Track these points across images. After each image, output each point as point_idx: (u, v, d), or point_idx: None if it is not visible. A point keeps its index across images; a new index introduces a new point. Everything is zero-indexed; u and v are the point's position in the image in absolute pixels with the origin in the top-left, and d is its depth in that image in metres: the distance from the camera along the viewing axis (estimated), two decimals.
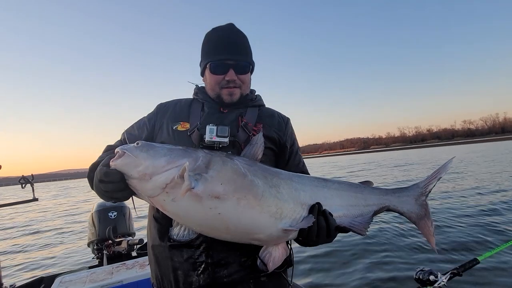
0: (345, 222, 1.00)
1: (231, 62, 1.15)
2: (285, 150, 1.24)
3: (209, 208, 0.85)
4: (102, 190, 0.90)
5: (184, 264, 1.03)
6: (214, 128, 1.07)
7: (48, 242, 8.39)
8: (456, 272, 1.72)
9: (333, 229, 0.95)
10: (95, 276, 2.22)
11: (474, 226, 5.90)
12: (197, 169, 0.85)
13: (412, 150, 71.28)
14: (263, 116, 1.24)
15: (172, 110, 1.22)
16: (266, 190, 0.91)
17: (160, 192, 0.84)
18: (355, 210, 1.05)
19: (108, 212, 3.26)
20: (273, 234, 0.92)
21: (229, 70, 1.15)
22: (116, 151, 0.89)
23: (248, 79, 1.23)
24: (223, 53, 1.15)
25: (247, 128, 1.15)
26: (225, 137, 1.07)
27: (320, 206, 0.96)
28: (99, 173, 0.89)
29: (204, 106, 1.21)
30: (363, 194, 1.08)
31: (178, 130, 1.14)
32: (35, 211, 16.25)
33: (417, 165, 22.47)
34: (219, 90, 1.18)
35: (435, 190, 7.26)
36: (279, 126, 1.25)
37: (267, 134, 1.18)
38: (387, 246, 5.17)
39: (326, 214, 0.95)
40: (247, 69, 1.20)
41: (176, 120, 1.18)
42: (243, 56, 1.18)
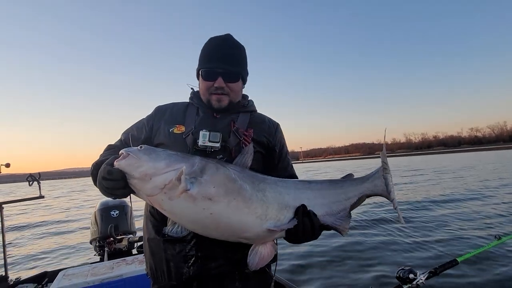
0: (328, 221, 1.09)
1: (220, 71, 1.22)
2: (274, 154, 1.33)
3: (202, 208, 0.94)
4: (104, 187, 0.98)
5: (176, 257, 1.13)
6: (207, 133, 1.16)
7: (52, 239, 8.55)
8: (434, 271, 1.80)
9: (317, 228, 1.04)
10: (97, 270, 2.33)
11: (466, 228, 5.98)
12: (192, 173, 0.95)
13: (418, 157, 70.54)
14: (254, 121, 1.32)
15: (169, 113, 1.30)
16: (253, 194, 1.01)
17: (159, 192, 0.93)
18: (337, 206, 1.13)
19: (110, 211, 3.38)
20: (259, 234, 1.02)
21: (218, 78, 1.22)
22: (121, 152, 0.98)
23: (238, 87, 1.29)
24: (213, 62, 1.23)
25: (238, 133, 1.23)
26: (216, 142, 1.16)
27: (304, 208, 1.05)
28: (103, 171, 0.97)
29: (198, 110, 1.30)
30: (343, 189, 1.16)
31: (174, 133, 1.22)
32: (40, 208, 16.44)
33: (423, 171, 22.33)
34: (208, 96, 1.26)
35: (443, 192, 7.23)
36: (269, 131, 1.33)
37: (257, 138, 1.27)
38: (373, 245, 5.25)
39: (311, 215, 1.04)
40: (236, 78, 1.26)
41: (172, 123, 1.25)
42: (233, 66, 1.25)
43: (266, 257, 1.06)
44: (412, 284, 1.72)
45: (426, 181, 15.52)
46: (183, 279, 1.13)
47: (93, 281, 2.15)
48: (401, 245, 5.13)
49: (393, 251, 4.90)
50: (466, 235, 5.50)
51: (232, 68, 1.24)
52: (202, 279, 1.14)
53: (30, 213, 15.04)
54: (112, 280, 2.20)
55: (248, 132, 1.26)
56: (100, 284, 2.15)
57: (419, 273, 1.77)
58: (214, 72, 1.23)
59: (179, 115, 1.28)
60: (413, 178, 17.91)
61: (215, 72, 1.23)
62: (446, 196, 10.24)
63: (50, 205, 18.28)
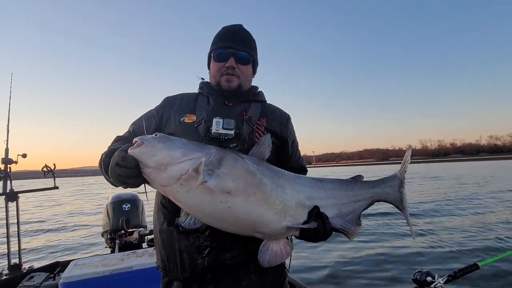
0: (338, 224, 1.09)
1: (232, 51, 1.23)
2: (286, 145, 1.30)
3: (219, 201, 0.90)
4: (116, 174, 0.95)
5: (190, 248, 1.09)
6: (221, 120, 1.12)
7: (65, 231, 8.81)
8: (454, 275, 1.72)
9: (328, 231, 1.04)
10: (107, 262, 2.34)
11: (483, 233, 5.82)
12: (210, 165, 0.90)
13: (434, 164, 69.03)
14: (266, 111, 1.30)
15: (178, 103, 1.28)
16: (273, 189, 0.98)
17: (174, 182, 0.89)
18: (347, 208, 1.12)
19: (122, 204, 3.41)
20: (276, 230, 0.99)
21: (230, 58, 1.22)
22: (135, 140, 0.94)
23: (248, 71, 1.29)
24: (226, 41, 1.24)
25: (251, 122, 1.21)
26: (230, 130, 1.12)
27: (318, 210, 1.04)
28: (116, 157, 0.94)
29: (209, 99, 1.27)
30: (353, 191, 1.14)
31: (185, 122, 1.19)
32: (55, 201, 16.90)
33: (440, 179, 21.81)
34: (219, 77, 1.24)
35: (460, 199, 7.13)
36: (281, 121, 1.31)
37: (270, 128, 1.24)
38: (386, 246, 5.15)
39: (323, 218, 1.04)
40: (247, 60, 1.26)
41: (183, 112, 1.23)
42: (245, 48, 1.25)
43: (279, 255, 1.04)
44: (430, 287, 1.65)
45: (446, 187, 15.20)
46: (197, 270, 1.09)
47: (103, 272, 2.16)
48: (417, 248, 5.03)
49: (409, 253, 4.80)
50: (486, 239, 5.32)
51: (243, 49, 1.25)
52: (216, 270, 1.11)
53: (45, 205, 15.48)
54: (122, 271, 2.20)
55: (260, 121, 1.23)
56: (110, 274, 2.16)
57: (438, 276, 1.69)
58: (225, 52, 1.23)
59: (189, 105, 1.26)
60: (431, 183, 17.54)
61: (226, 52, 1.23)
62: (466, 202, 10.08)
63: (64, 198, 18.76)
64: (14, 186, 2.97)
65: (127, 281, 2.18)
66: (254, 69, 1.34)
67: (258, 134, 1.19)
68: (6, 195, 2.93)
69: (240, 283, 1.13)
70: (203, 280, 1.11)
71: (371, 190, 1.15)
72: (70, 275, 2.11)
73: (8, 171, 2.91)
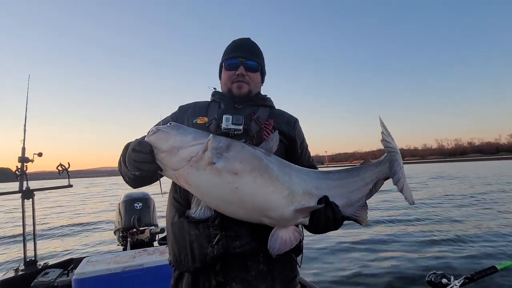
0: (348, 212, 1.09)
1: (241, 59, 1.34)
2: (295, 144, 1.34)
3: (227, 182, 0.95)
4: (132, 160, 0.99)
5: (200, 237, 1.12)
6: (230, 117, 1.20)
7: (79, 229, 9.06)
8: (471, 277, 1.66)
9: (339, 219, 1.05)
10: (119, 259, 2.38)
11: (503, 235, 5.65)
12: (218, 149, 0.97)
13: (451, 164, 67.46)
14: (274, 114, 1.37)
15: (192, 108, 1.37)
16: (280, 174, 1.01)
17: (185, 164, 0.95)
18: (356, 194, 1.12)
19: (134, 203, 3.47)
20: (284, 214, 1.01)
21: (240, 66, 1.33)
22: (151, 129, 1.01)
23: (257, 78, 1.39)
24: (235, 52, 1.36)
25: (259, 121, 1.28)
26: (239, 125, 1.20)
27: (327, 198, 1.05)
28: (133, 144, 1.00)
29: (220, 104, 1.36)
30: (359, 176, 1.14)
31: (198, 123, 1.27)
32: (70, 200, 17.37)
33: (458, 179, 21.27)
34: (230, 85, 1.35)
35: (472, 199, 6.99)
36: (288, 122, 1.37)
37: (278, 127, 1.29)
38: (401, 247, 5.06)
39: (333, 206, 1.04)
40: (255, 68, 1.37)
41: (195, 115, 1.32)
42: (253, 57, 1.37)
43: (288, 242, 1.04)
44: None
45: (464, 187, 14.84)
46: (207, 259, 1.11)
47: (115, 269, 2.20)
48: (433, 249, 4.90)
49: (424, 254, 4.69)
50: (506, 241, 5.15)
51: (252, 58, 1.36)
52: (226, 259, 1.13)
53: (59, 204, 15.93)
54: (133, 268, 2.24)
55: (268, 121, 1.30)
56: (122, 271, 2.20)
57: (453, 278, 1.64)
58: (236, 62, 1.34)
59: (202, 110, 1.35)
60: (448, 183, 17.16)
61: (237, 62, 1.34)
62: (485, 202, 9.81)
63: (78, 197, 19.24)
64: (29, 185, 3.05)
65: (138, 278, 2.22)
66: (262, 78, 1.45)
67: (266, 133, 1.26)
68: (23, 192, 3.01)
69: (248, 272, 1.15)
70: (213, 271, 1.14)
71: (376, 169, 1.14)
72: (83, 271, 2.16)
73: (24, 170, 2.99)
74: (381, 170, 1.14)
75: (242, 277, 1.14)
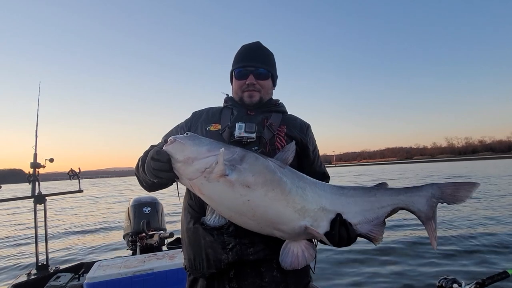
0: (363, 230, 1.07)
1: (251, 69, 1.33)
2: (307, 151, 1.34)
3: (239, 194, 0.97)
4: (151, 167, 1.03)
5: (214, 244, 1.13)
6: (243, 125, 1.21)
7: (89, 234, 9.12)
8: (482, 282, 1.63)
9: (353, 238, 1.05)
10: (129, 263, 2.41)
11: None
12: (232, 161, 0.99)
13: (461, 163, 66.30)
14: (287, 120, 1.37)
15: (205, 115, 1.38)
16: (293, 188, 1.02)
17: (199, 175, 0.97)
18: (370, 214, 1.10)
19: (143, 207, 3.50)
20: (295, 229, 1.01)
21: (249, 75, 1.33)
22: (169, 139, 1.05)
23: (268, 85, 1.38)
24: (245, 61, 1.35)
25: (272, 128, 1.28)
26: (252, 133, 1.20)
27: (341, 217, 1.05)
28: (152, 152, 1.03)
29: (233, 111, 1.36)
30: (376, 197, 1.11)
31: (211, 130, 1.28)
32: (80, 204, 17.54)
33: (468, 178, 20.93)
34: (241, 93, 1.35)
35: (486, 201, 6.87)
36: (301, 129, 1.36)
37: (290, 134, 1.30)
38: (410, 251, 4.98)
39: (347, 225, 1.04)
40: (265, 76, 1.36)
41: (209, 122, 1.33)
42: (262, 65, 1.35)
43: (301, 258, 1.05)
44: None
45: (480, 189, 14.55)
46: (221, 265, 1.13)
47: (126, 273, 2.23)
48: (443, 253, 4.82)
49: (434, 259, 4.61)
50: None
51: (261, 66, 1.35)
52: (240, 266, 1.14)
53: (70, 207, 16.10)
54: (143, 273, 2.27)
55: (281, 127, 1.30)
56: (132, 276, 2.23)
57: (464, 283, 1.61)
58: (245, 71, 1.34)
59: (215, 116, 1.36)
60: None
61: (246, 71, 1.33)
62: (496, 203, 9.57)
63: (88, 200, 19.43)
64: (41, 189, 3.11)
65: (149, 282, 2.24)
66: (274, 82, 1.43)
67: (279, 139, 1.26)
68: (35, 197, 3.07)
69: (262, 279, 1.16)
70: (227, 276, 1.15)
71: (396, 197, 1.11)
72: (94, 275, 2.19)
73: (36, 175, 3.05)
74: (402, 199, 1.11)
75: (256, 283, 1.15)
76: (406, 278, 4.01)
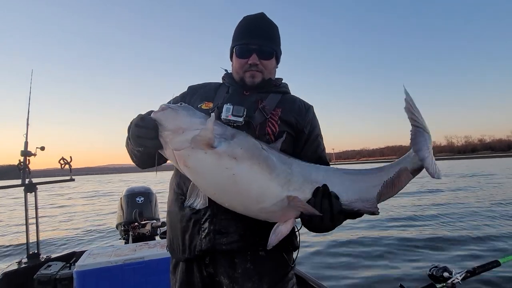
0: (358, 206, 0.99)
1: (254, 47, 1.22)
2: (302, 135, 1.25)
3: (225, 167, 0.94)
4: (135, 135, 0.98)
5: (191, 228, 1.12)
6: (231, 107, 1.13)
7: (82, 223, 9.18)
8: (473, 271, 1.62)
9: (336, 212, 0.94)
10: (120, 252, 2.40)
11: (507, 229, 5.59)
12: (223, 135, 0.97)
13: (461, 161, 66.43)
14: (285, 101, 1.27)
15: (200, 91, 1.32)
16: (278, 163, 1.00)
17: (187, 146, 0.94)
18: (367, 191, 1.02)
19: (136, 197, 3.51)
20: (279, 204, 0.97)
21: (252, 54, 1.22)
22: (161, 105, 1.00)
23: (272, 65, 1.28)
24: (247, 37, 1.24)
25: (265, 111, 1.20)
26: (239, 117, 1.13)
27: (326, 188, 0.96)
28: (136, 119, 1.00)
29: (229, 89, 1.29)
30: (377, 173, 1.07)
31: (202, 109, 1.21)
32: (71, 194, 17.56)
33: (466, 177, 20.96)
34: (242, 73, 1.26)
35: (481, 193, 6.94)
36: (299, 111, 1.27)
37: (285, 118, 1.22)
38: (401, 240, 5.01)
39: (331, 197, 0.95)
40: (270, 55, 1.26)
41: (202, 100, 1.26)
42: (267, 43, 1.24)
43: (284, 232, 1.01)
44: (446, 283, 1.56)
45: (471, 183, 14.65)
46: (195, 252, 1.11)
47: (116, 261, 2.21)
48: (434, 242, 4.84)
49: (425, 247, 4.63)
50: (509, 237, 5.07)
51: (266, 44, 1.25)
52: (214, 254, 1.12)
53: (62, 198, 16.13)
54: (134, 261, 2.26)
55: (275, 111, 1.22)
56: (123, 264, 2.22)
57: (455, 272, 1.60)
58: (248, 49, 1.23)
59: (210, 93, 1.29)
60: (456, 180, 16.96)
61: (249, 49, 1.23)
62: (489, 197, 9.77)
63: (81, 192, 19.47)
64: (32, 179, 3.09)
65: (139, 270, 2.23)
66: (278, 60, 1.33)
67: (271, 124, 1.18)
68: (25, 186, 3.04)
69: (235, 270, 1.13)
70: (203, 262, 1.14)
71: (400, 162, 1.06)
72: (84, 263, 2.18)
73: (27, 163, 3.03)
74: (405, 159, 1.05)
75: (229, 273, 1.12)
76: (396, 266, 4.03)
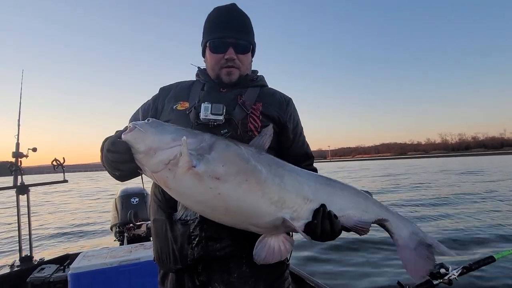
0: (349, 223, 0.99)
1: (230, 41, 1.15)
2: (287, 130, 1.21)
3: (209, 187, 0.86)
4: (109, 160, 0.94)
5: (180, 238, 1.06)
6: (209, 106, 1.07)
7: (76, 224, 9.04)
8: (469, 267, 1.63)
9: (337, 231, 0.95)
10: (115, 253, 2.37)
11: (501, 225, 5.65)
12: (200, 150, 0.88)
13: (455, 158, 67.15)
14: (264, 95, 1.23)
15: (173, 91, 1.25)
16: (269, 177, 0.92)
17: (163, 168, 0.87)
18: (357, 212, 1.02)
19: (131, 198, 3.47)
20: (272, 222, 0.92)
21: (229, 49, 1.15)
22: (128, 125, 0.93)
23: (248, 60, 1.23)
24: (223, 30, 1.16)
25: (245, 107, 1.14)
26: (219, 115, 1.07)
27: (324, 208, 0.95)
28: (107, 143, 0.94)
29: (204, 86, 1.23)
30: (365, 201, 1.05)
31: (178, 110, 1.16)
32: (64, 195, 17.36)
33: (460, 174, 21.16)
34: (218, 70, 1.19)
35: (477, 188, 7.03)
36: (279, 105, 1.23)
37: (266, 112, 1.17)
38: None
39: (332, 217, 0.94)
40: (247, 49, 1.20)
41: (176, 100, 1.20)
42: (243, 35, 1.18)
43: (277, 252, 0.96)
44: (443, 279, 1.57)
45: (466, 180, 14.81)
46: (187, 261, 1.05)
47: (111, 263, 2.19)
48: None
49: None
50: (504, 231, 5.14)
51: (242, 37, 1.18)
52: (207, 261, 1.07)
53: (55, 199, 15.92)
54: (129, 262, 2.23)
55: (256, 105, 1.17)
56: (118, 265, 2.19)
57: (452, 268, 1.61)
58: (223, 43, 1.16)
59: (183, 93, 1.22)
60: (451, 177, 17.11)
61: (225, 43, 1.16)
62: (485, 194, 9.88)
63: (74, 192, 19.25)
64: (24, 180, 3.04)
65: (135, 272, 2.20)
66: (253, 52, 1.27)
67: (253, 119, 1.13)
68: (17, 188, 2.99)
69: (230, 274, 1.09)
70: (195, 271, 1.09)
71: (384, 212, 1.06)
72: (79, 265, 2.14)
73: (18, 165, 2.98)
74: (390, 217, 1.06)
75: (224, 278, 1.08)
76: (391, 263, 4.03)
